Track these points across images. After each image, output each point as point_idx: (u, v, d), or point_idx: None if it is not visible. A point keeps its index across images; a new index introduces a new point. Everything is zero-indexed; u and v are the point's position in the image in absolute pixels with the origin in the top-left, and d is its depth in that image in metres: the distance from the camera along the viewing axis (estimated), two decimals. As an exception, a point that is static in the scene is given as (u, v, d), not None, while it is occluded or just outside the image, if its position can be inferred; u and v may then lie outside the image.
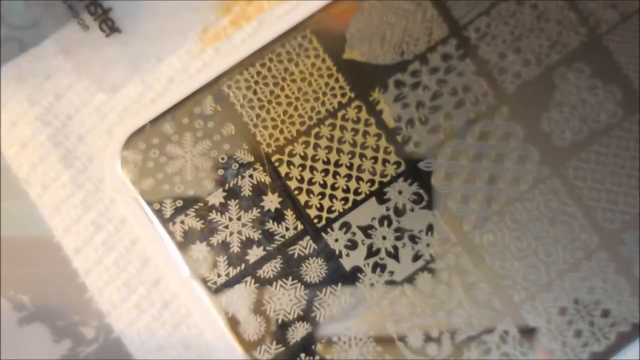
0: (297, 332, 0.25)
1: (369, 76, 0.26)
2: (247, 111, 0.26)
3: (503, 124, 0.26)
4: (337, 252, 0.25)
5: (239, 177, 0.25)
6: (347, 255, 0.25)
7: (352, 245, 0.25)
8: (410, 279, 0.25)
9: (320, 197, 0.25)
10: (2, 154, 0.25)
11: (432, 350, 0.25)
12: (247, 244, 0.25)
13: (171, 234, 0.25)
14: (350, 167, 0.25)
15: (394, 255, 0.25)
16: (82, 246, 0.26)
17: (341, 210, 0.25)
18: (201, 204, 0.25)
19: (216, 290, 0.25)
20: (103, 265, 0.26)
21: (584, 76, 0.26)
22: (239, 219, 0.25)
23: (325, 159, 0.26)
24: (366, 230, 0.25)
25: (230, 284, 0.25)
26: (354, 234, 0.25)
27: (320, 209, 0.25)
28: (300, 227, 0.25)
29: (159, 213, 0.25)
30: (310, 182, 0.25)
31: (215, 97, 0.26)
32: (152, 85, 0.26)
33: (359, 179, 0.25)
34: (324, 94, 0.26)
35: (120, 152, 0.25)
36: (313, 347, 0.25)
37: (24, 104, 0.25)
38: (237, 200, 0.25)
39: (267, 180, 0.25)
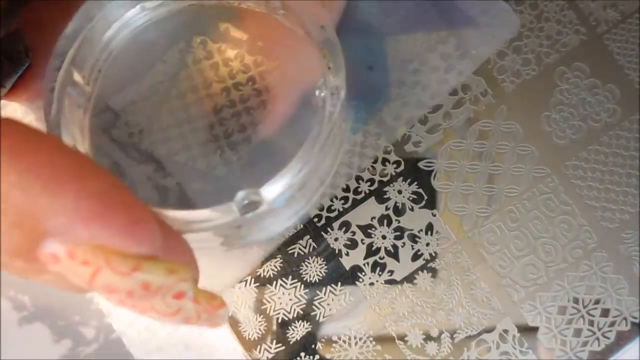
0: (297, 331, 0.25)
1: (368, 75, 0.26)
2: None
3: (503, 124, 0.26)
4: (337, 251, 0.25)
5: (239, 176, 0.25)
6: (347, 254, 0.25)
7: (352, 244, 0.25)
8: (409, 278, 0.25)
9: (320, 196, 0.25)
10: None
11: (432, 349, 0.25)
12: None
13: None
14: (350, 165, 0.25)
15: (394, 254, 0.25)
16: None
17: (341, 209, 0.25)
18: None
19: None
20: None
21: (583, 76, 0.26)
22: (238, 218, 0.25)
23: (325, 159, 0.26)
24: (366, 229, 0.25)
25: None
26: (353, 233, 0.25)
27: (320, 208, 0.25)
28: (300, 226, 0.25)
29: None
30: (310, 182, 0.25)
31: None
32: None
33: (358, 178, 0.25)
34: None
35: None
36: (313, 346, 0.25)
37: (24, 105, 0.25)
38: (237, 200, 0.25)
39: (267, 179, 0.25)
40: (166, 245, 0.13)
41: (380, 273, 0.25)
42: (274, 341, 0.25)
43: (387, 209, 0.25)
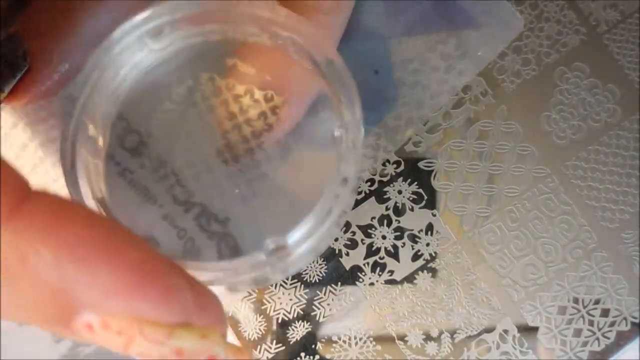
0: (297, 332, 0.25)
1: (368, 75, 0.26)
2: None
3: (503, 124, 0.26)
4: (337, 251, 0.25)
5: (239, 176, 0.25)
6: (347, 254, 0.25)
7: (352, 244, 0.25)
8: (409, 278, 0.25)
9: (320, 196, 0.25)
10: (2, 155, 0.25)
11: (432, 349, 0.25)
12: (247, 243, 0.25)
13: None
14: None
15: (394, 254, 0.25)
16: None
17: (341, 209, 0.25)
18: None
19: (216, 289, 0.25)
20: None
21: (583, 76, 0.26)
22: (238, 218, 0.25)
23: (325, 159, 0.25)
24: (366, 229, 0.25)
25: (230, 283, 0.25)
26: (353, 233, 0.25)
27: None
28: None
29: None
30: (310, 182, 0.25)
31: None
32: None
33: (358, 178, 0.25)
34: (324, 93, 0.26)
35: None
36: (313, 346, 0.25)
37: (20, 108, 0.25)
38: (237, 200, 0.25)
39: (267, 179, 0.25)
40: (198, 304, 0.13)
41: (380, 273, 0.25)
42: (274, 341, 0.25)
43: (387, 209, 0.25)
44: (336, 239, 0.25)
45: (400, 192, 0.25)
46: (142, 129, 0.20)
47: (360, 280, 0.25)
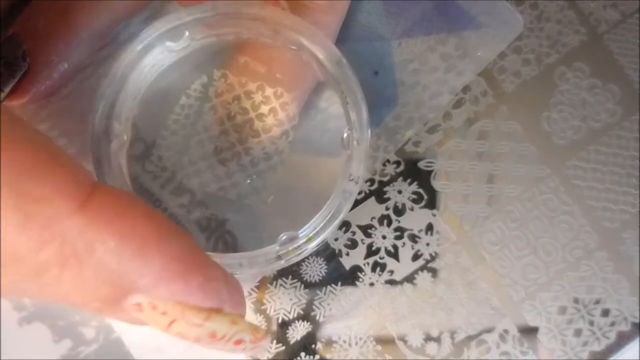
0: (297, 331, 0.25)
1: (368, 75, 0.26)
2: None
3: (503, 124, 0.26)
4: (337, 251, 0.25)
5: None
6: (347, 254, 0.25)
7: (352, 244, 0.25)
8: (410, 278, 0.25)
9: (320, 196, 0.25)
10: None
11: (432, 350, 0.25)
12: (247, 243, 0.25)
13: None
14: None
15: (394, 254, 0.25)
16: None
17: (341, 209, 0.25)
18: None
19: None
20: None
21: (583, 76, 0.26)
22: (238, 218, 0.25)
23: (325, 159, 0.26)
24: (366, 229, 0.25)
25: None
26: (353, 233, 0.25)
27: (320, 208, 0.25)
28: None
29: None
30: (310, 182, 0.25)
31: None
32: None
33: (358, 178, 0.25)
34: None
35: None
36: (313, 346, 0.25)
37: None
38: (237, 200, 0.25)
39: (267, 179, 0.25)
40: (229, 292, 0.15)
41: (380, 273, 0.25)
42: (274, 341, 0.25)
43: (387, 209, 0.25)
44: (336, 239, 0.25)
45: (400, 192, 0.25)
46: (158, 125, 0.22)
47: (360, 280, 0.25)
